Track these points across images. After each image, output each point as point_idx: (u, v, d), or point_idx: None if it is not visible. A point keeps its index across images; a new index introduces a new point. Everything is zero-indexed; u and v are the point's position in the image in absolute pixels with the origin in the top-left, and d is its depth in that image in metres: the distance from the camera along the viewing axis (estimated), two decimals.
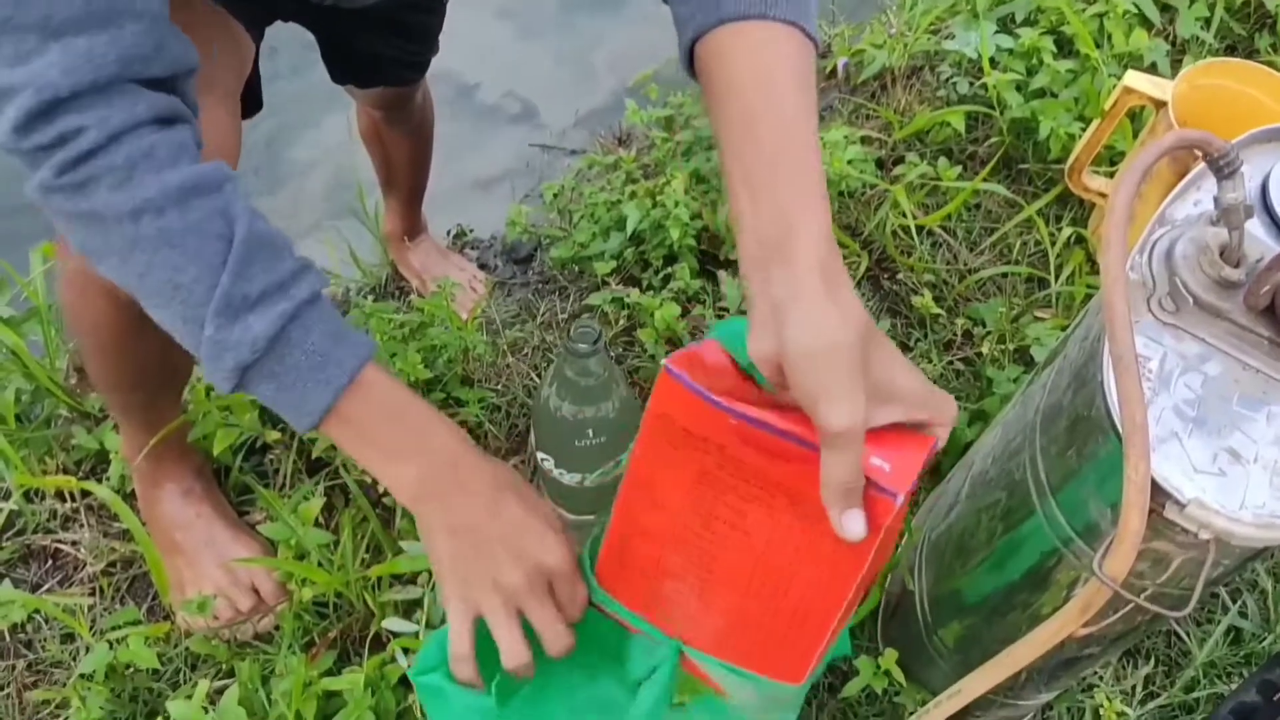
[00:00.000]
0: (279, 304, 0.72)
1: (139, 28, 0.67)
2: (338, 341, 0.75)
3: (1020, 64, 1.76)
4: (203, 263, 0.70)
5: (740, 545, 0.77)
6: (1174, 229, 0.89)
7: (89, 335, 1.03)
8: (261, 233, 0.73)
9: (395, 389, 0.79)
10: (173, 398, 1.18)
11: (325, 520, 1.26)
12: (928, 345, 1.55)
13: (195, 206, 0.70)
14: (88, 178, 0.68)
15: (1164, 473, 0.76)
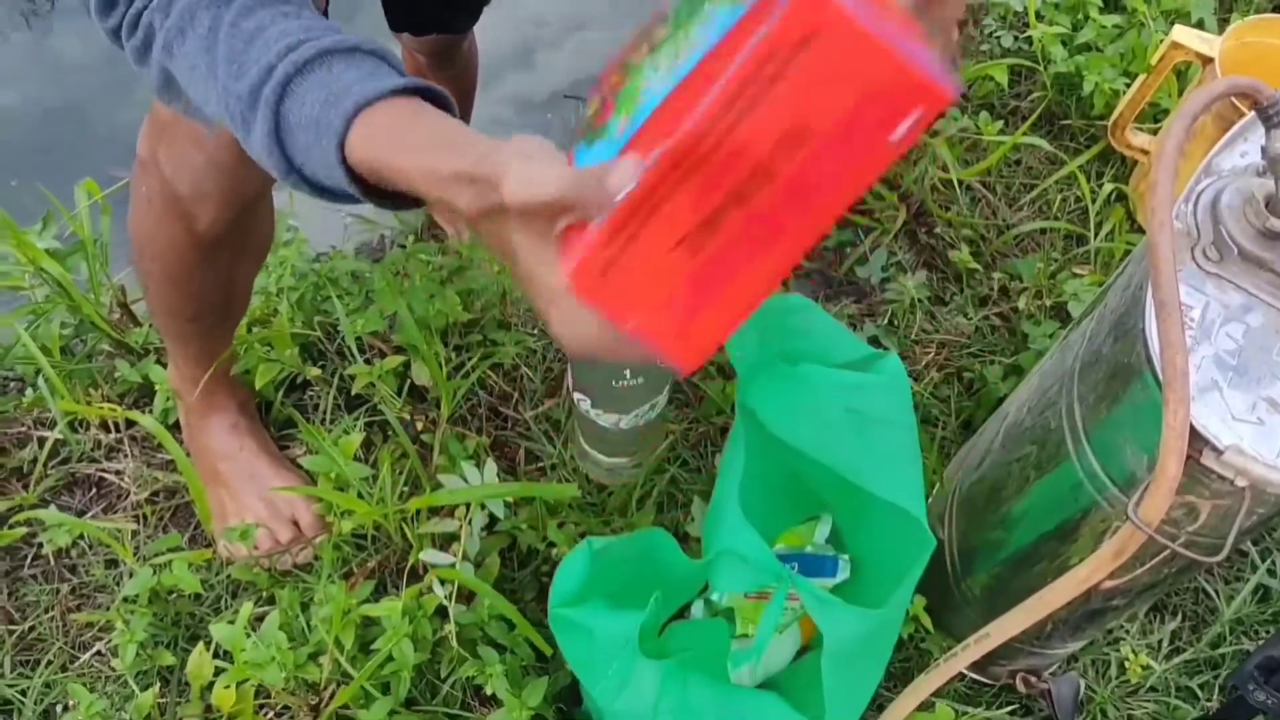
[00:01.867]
0: (263, 90, 0.66)
1: None
2: (330, 105, 0.65)
3: (1066, 18, 1.74)
4: (212, 76, 0.69)
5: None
6: (1220, 179, 0.89)
7: (157, 260, 1.05)
8: (250, 29, 0.69)
9: (403, 119, 0.65)
10: (228, 331, 1.20)
11: (364, 456, 1.28)
12: (964, 300, 1.55)
13: (200, 21, 0.69)
14: (146, 33, 0.71)
15: (1202, 420, 0.76)
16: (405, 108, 0.64)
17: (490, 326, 1.41)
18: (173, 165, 0.92)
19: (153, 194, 0.98)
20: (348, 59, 0.67)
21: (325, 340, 1.36)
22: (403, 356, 1.31)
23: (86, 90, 2.16)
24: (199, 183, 0.92)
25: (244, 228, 1.01)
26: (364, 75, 0.65)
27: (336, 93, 0.64)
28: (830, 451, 0.98)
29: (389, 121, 0.63)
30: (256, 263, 1.14)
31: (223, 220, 0.96)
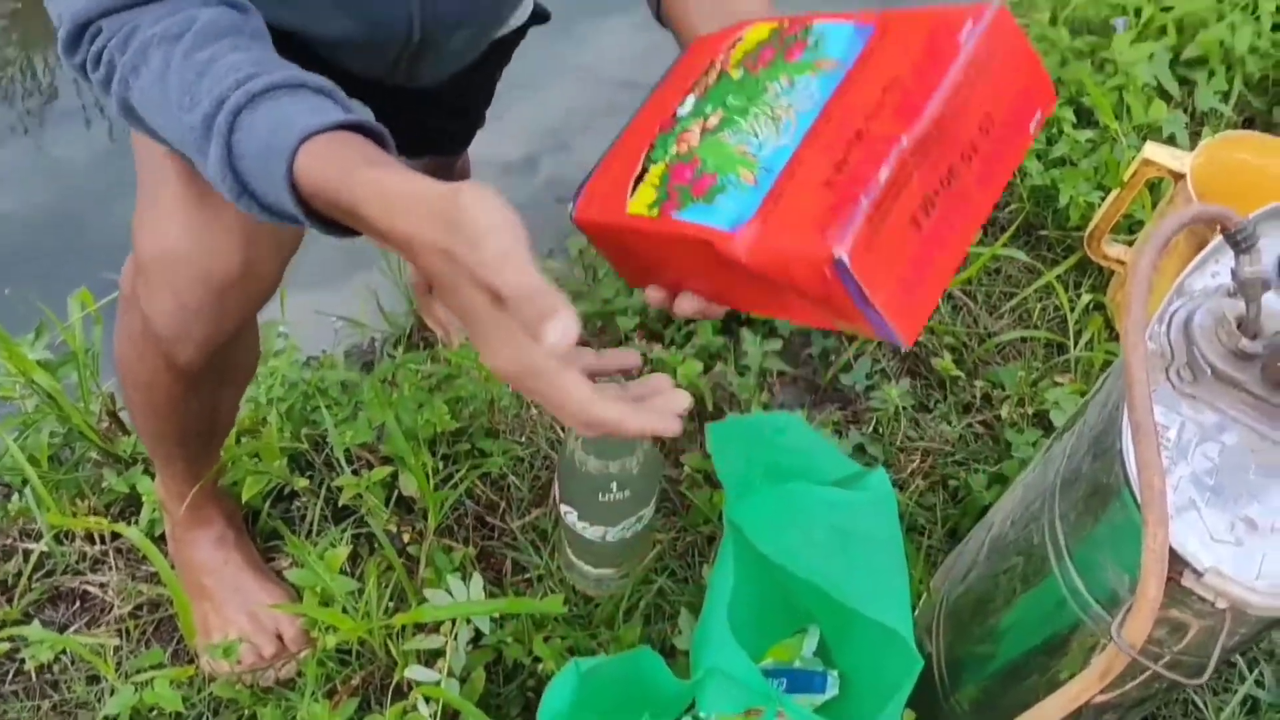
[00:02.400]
0: (216, 120, 0.71)
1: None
2: (275, 131, 0.69)
3: (1041, 132, 1.79)
4: (167, 108, 0.75)
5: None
6: (1192, 300, 0.91)
7: (141, 392, 1.06)
8: (202, 60, 0.73)
9: (353, 150, 0.69)
10: (213, 450, 1.21)
11: (350, 568, 1.28)
12: (947, 407, 1.56)
13: (154, 57, 0.75)
14: (107, 68, 0.78)
15: (1181, 541, 0.77)
16: (353, 141, 0.69)
17: (478, 434, 1.42)
18: (150, 306, 0.94)
19: (134, 330, 0.99)
20: (296, 93, 0.72)
21: (313, 450, 1.37)
22: (390, 467, 1.31)
23: (81, 193, 2.19)
24: (174, 325, 0.94)
25: (226, 359, 1.02)
26: (312, 108, 0.71)
27: (285, 122, 0.69)
28: (817, 569, 0.99)
29: (338, 150, 0.68)
30: (241, 388, 1.16)
31: (202, 357, 0.98)
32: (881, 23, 0.69)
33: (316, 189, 0.67)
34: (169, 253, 0.90)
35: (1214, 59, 1.92)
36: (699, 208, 0.67)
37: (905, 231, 0.62)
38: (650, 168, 0.74)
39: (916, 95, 0.63)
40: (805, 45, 0.72)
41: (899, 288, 0.62)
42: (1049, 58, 1.83)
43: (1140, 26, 1.95)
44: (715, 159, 0.69)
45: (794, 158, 0.65)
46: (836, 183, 0.62)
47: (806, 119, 0.66)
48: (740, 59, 0.75)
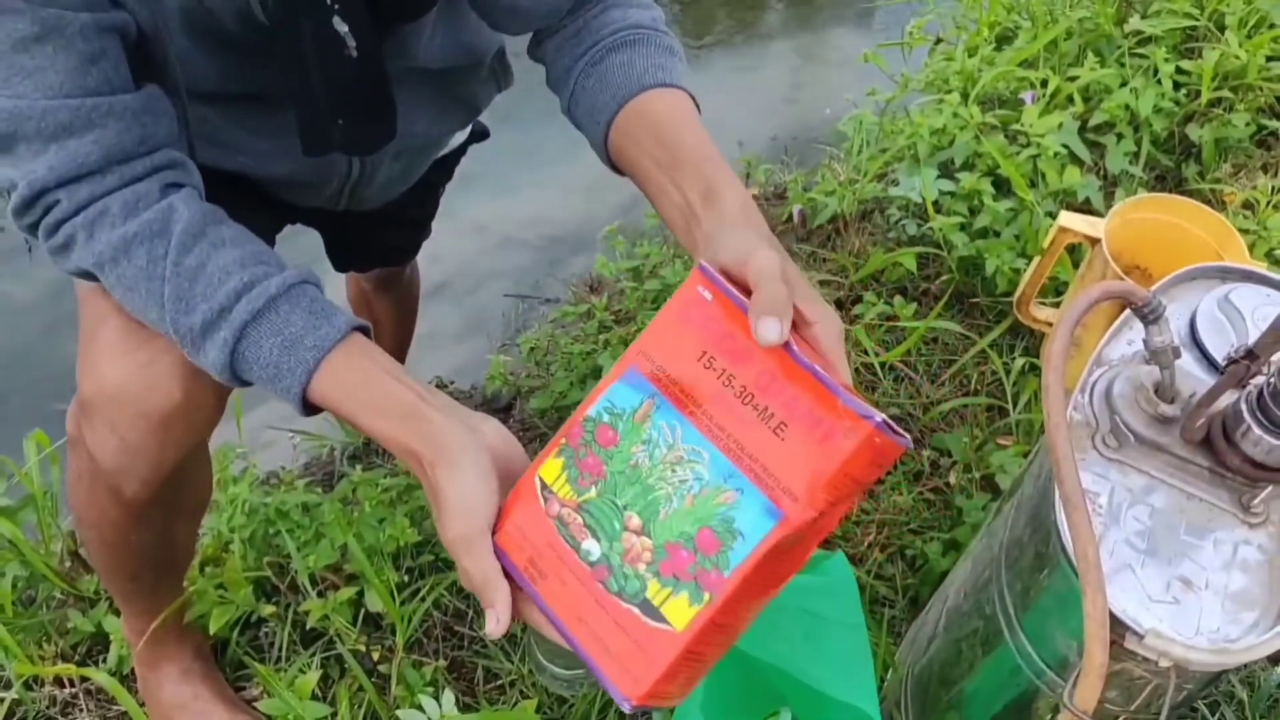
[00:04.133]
0: (220, 332, 0.80)
1: (121, 126, 0.80)
2: (287, 351, 0.79)
3: (963, 205, 1.86)
4: (153, 301, 0.82)
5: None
6: (1111, 368, 0.96)
7: (93, 529, 1.07)
8: (192, 266, 0.80)
9: (361, 376, 0.78)
10: (173, 583, 1.21)
11: (322, 691, 1.28)
12: (898, 477, 1.60)
13: (137, 254, 0.81)
14: (66, 239, 0.82)
15: (1121, 605, 0.81)
16: (356, 356, 0.79)
17: (441, 545, 1.43)
18: (93, 444, 0.96)
19: (81, 469, 1.01)
20: (292, 300, 0.80)
21: (278, 575, 1.38)
22: (356, 586, 1.32)
23: (27, 328, 2.20)
24: (117, 461, 0.96)
25: (175, 490, 1.03)
26: (311, 319, 0.79)
27: (290, 340, 0.78)
28: (786, 655, 1.01)
29: (347, 377, 0.78)
30: (196, 518, 1.17)
31: (148, 491, 0.99)
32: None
33: (326, 406, 0.80)
34: (109, 391, 0.92)
35: (1121, 123, 2.01)
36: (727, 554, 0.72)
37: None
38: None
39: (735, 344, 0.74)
40: (607, 425, 0.76)
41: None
42: (964, 133, 1.91)
43: (1048, 97, 2.04)
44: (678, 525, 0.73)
45: (726, 451, 0.72)
46: (785, 417, 0.71)
47: (695, 436, 0.73)
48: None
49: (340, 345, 0.79)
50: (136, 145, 0.81)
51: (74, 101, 0.78)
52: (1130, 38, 2.17)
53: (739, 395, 0.73)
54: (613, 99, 0.96)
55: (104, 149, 0.79)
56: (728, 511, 0.71)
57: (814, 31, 3.36)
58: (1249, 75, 2.09)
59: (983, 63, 2.17)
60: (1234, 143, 2.09)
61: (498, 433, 0.78)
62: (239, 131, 1.01)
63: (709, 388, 0.74)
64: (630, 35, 0.98)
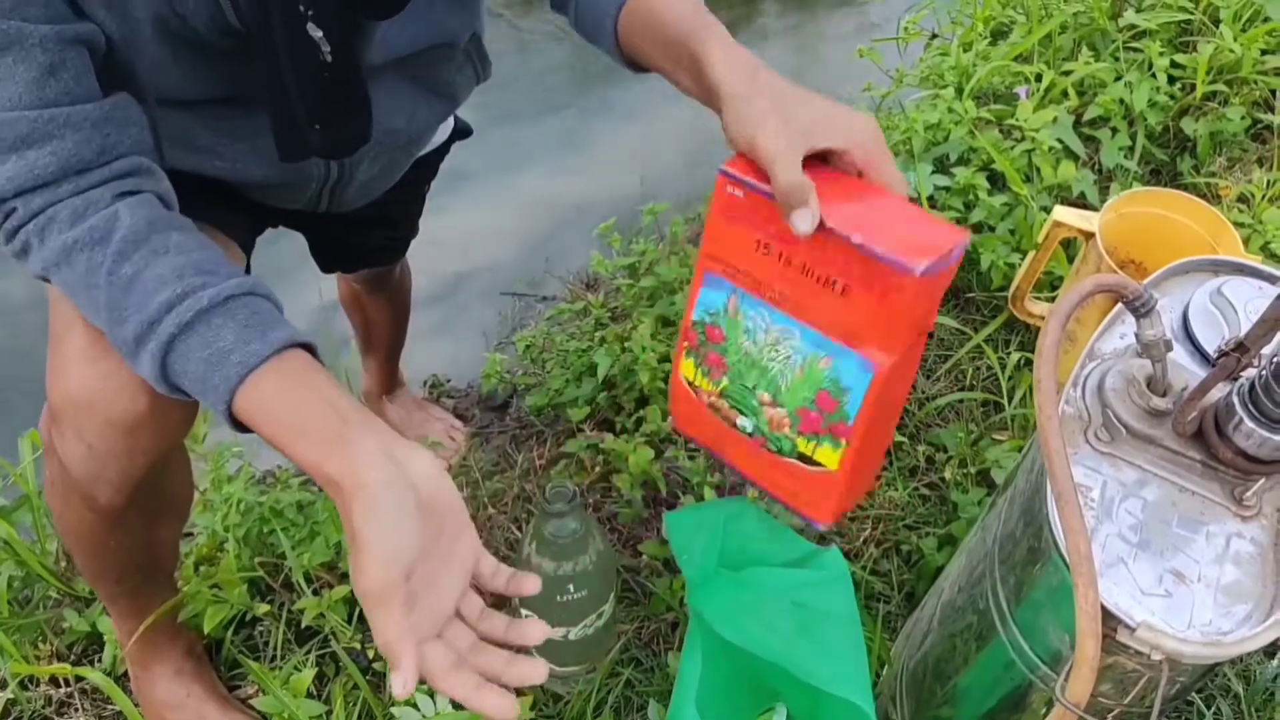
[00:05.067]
0: (149, 344, 0.78)
1: (80, 137, 0.80)
2: (213, 366, 0.76)
3: (958, 200, 1.86)
4: (93, 309, 0.81)
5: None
6: (1103, 362, 0.96)
7: (71, 535, 1.07)
8: (128, 275, 0.79)
9: (287, 395, 0.76)
10: (161, 584, 1.21)
11: (317, 689, 1.28)
12: (894, 473, 1.60)
13: (78, 261, 0.81)
14: (21, 245, 0.82)
15: (1113, 598, 0.81)
16: (289, 374, 0.76)
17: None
18: (64, 451, 0.96)
19: (55, 476, 1.01)
20: (227, 312, 0.78)
21: (272, 574, 1.37)
22: (351, 584, 1.32)
23: (21, 328, 2.19)
24: (87, 469, 0.96)
25: (152, 495, 1.03)
26: (243, 333, 0.77)
27: (218, 355, 0.76)
28: (780, 651, 1.01)
29: (273, 396, 0.76)
30: (177, 521, 1.16)
31: (121, 497, 0.99)
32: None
33: (252, 425, 0.77)
34: (75, 398, 0.91)
35: (1115, 117, 2.01)
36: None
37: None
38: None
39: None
40: (710, 325, 0.92)
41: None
42: (958, 128, 1.91)
43: (1042, 92, 2.04)
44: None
45: (809, 323, 0.86)
46: (845, 281, 0.82)
47: (780, 317, 0.87)
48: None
49: (271, 361, 0.76)
50: (96, 156, 0.81)
51: (32, 114, 0.77)
52: (1125, 32, 2.17)
53: (800, 271, 0.84)
54: (611, 2, 0.97)
55: (60, 160, 0.79)
56: (831, 374, 0.85)
57: (809, 26, 3.35)
58: (1244, 69, 2.09)
59: (978, 58, 2.17)
60: (1229, 137, 2.09)
61: (426, 468, 0.74)
62: (214, 135, 1.01)
63: (773, 270, 0.85)
64: None
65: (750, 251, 0.86)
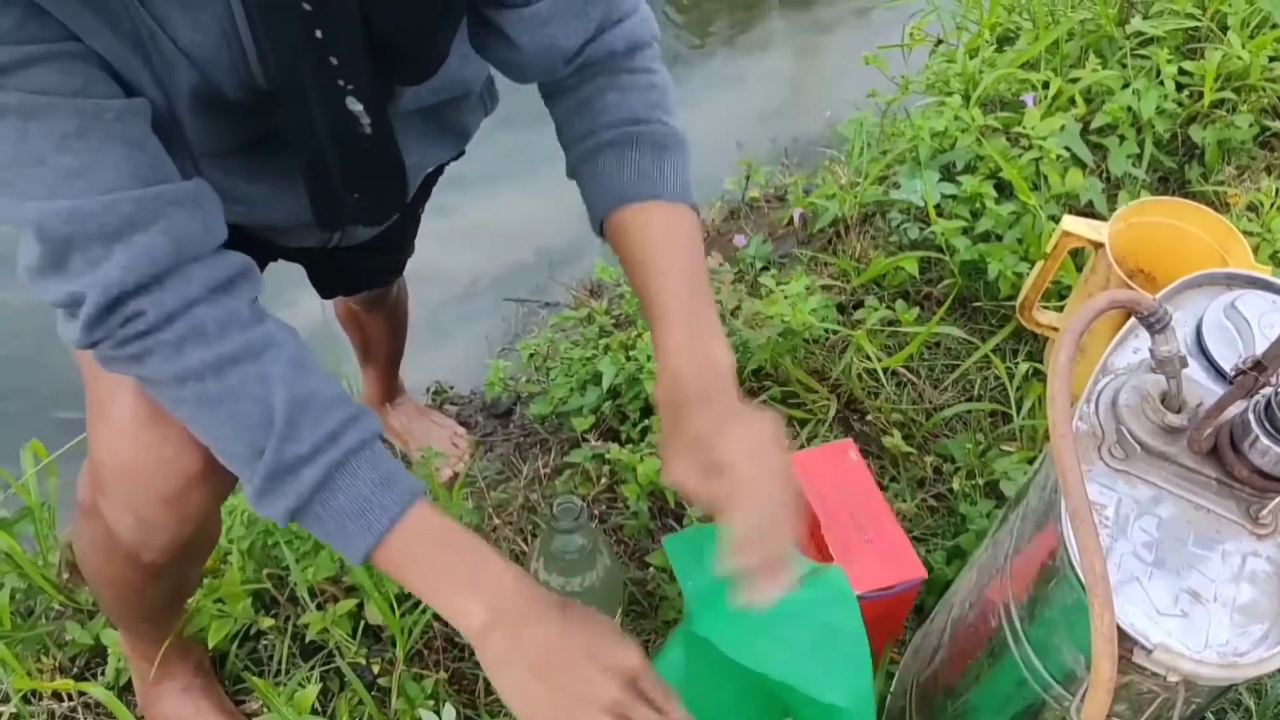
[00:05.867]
0: (328, 454, 0.79)
1: (186, 213, 0.77)
2: (384, 487, 0.80)
3: (964, 209, 1.85)
4: (237, 423, 0.79)
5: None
6: (1117, 378, 0.95)
7: (107, 588, 1.07)
8: (305, 394, 0.79)
9: (445, 529, 0.83)
10: (178, 613, 1.21)
11: (322, 705, 1.27)
12: (901, 485, 1.59)
13: (232, 374, 0.78)
14: (143, 350, 0.77)
15: (1129, 618, 0.80)
16: (418, 531, 0.82)
17: None
18: (113, 519, 0.94)
19: (97, 537, 0.99)
20: (369, 455, 0.82)
21: (277, 588, 1.37)
22: (356, 599, 1.31)
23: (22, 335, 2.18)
24: (136, 536, 0.95)
25: (191, 544, 1.01)
26: (379, 486, 0.81)
27: (388, 476, 0.81)
28: (787, 668, 1.00)
29: (406, 551, 0.82)
30: (203, 561, 1.16)
31: (167, 556, 0.98)
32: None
33: (387, 573, 0.84)
34: (125, 469, 0.90)
35: (1123, 125, 2.00)
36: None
37: None
38: None
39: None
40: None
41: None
42: (965, 136, 1.90)
43: (1050, 99, 2.03)
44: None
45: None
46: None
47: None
48: None
49: (407, 514, 0.82)
50: (203, 234, 0.79)
51: (134, 193, 0.74)
52: (1132, 39, 2.16)
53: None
54: (602, 201, 0.98)
55: (173, 240, 0.76)
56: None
57: (813, 33, 3.35)
58: (1252, 76, 2.08)
59: (984, 65, 2.16)
60: (1237, 144, 2.08)
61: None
62: (236, 180, 0.98)
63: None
64: (621, 134, 0.97)
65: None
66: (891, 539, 1.18)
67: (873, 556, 1.16)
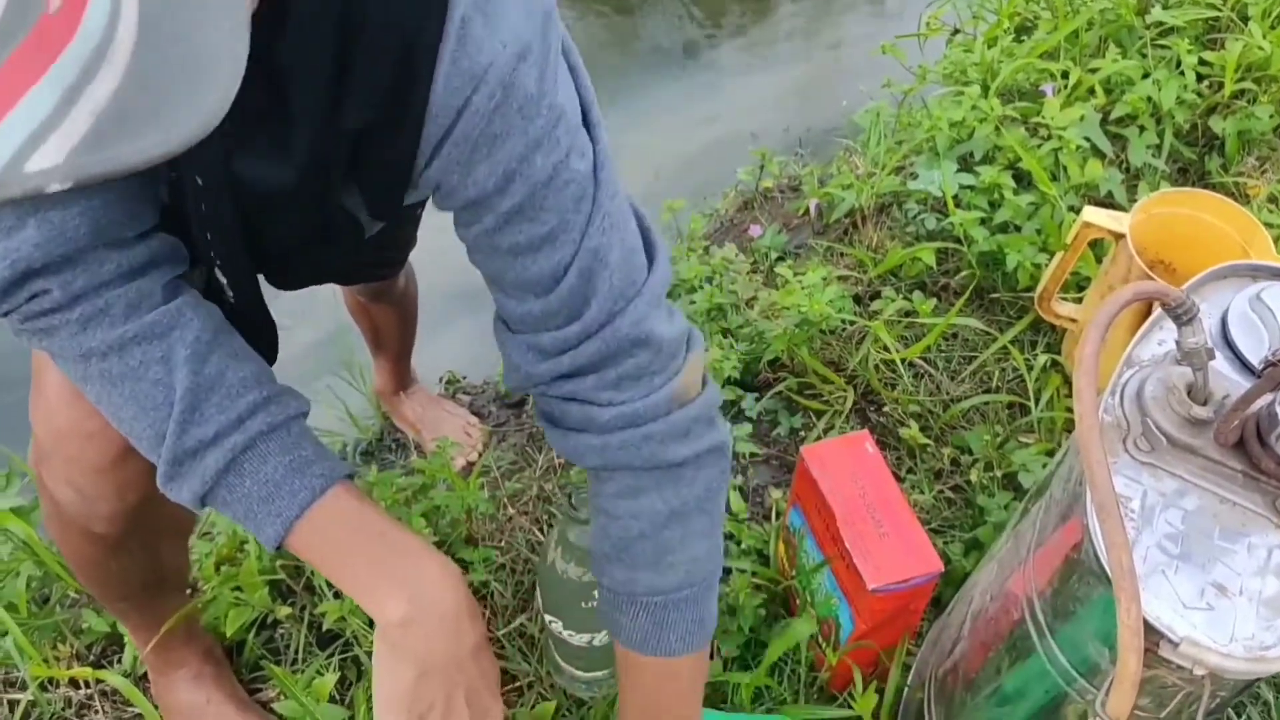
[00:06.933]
0: (232, 437, 0.77)
1: (111, 196, 0.74)
2: (295, 471, 0.78)
3: (983, 199, 1.84)
4: (138, 404, 0.77)
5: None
6: (1142, 369, 0.94)
7: (71, 560, 1.06)
8: (213, 375, 0.77)
9: (364, 516, 0.80)
10: (170, 594, 1.19)
11: (340, 694, 1.27)
12: (919, 476, 1.59)
13: (134, 353, 0.76)
14: (48, 327, 0.76)
15: (1155, 612, 0.79)
16: (335, 519, 0.79)
17: (457, 544, 1.42)
18: (55, 487, 0.94)
19: (49, 509, 0.99)
20: (302, 429, 0.81)
21: (293, 577, 1.37)
22: None
23: None
24: (78, 506, 0.94)
25: (148, 521, 1.00)
26: (318, 450, 0.80)
27: (300, 461, 0.79)
28: None
29: (320, 534, 0.79)
30: (180, 539, 1.15)
31: (116, 526, 0.97)
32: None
33: (305, 560, 0.81)
34: (60, 440, 0.89)
35: (1143, 115, 1.98)
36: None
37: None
38: None
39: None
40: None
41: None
42: (983, 126, 1.89)
43: (1069, 89, 2.02)
44: None
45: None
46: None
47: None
48: None
49: (321, 500, 0.79)
50: (125, 219, 0.76)
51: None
52: (1152, 29, 2.14)
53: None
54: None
55: (92, 222, 0.73)
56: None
57: (828, 22, 3.33)
58: (1273, 67, 2.06)
59: (1002, 54, 2.15)
60: (1257, 135, 2.06)
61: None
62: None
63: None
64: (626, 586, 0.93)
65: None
66: (908, 531, 1.17)
67: (889, 549, 1.15)
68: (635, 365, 0.84)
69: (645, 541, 0.89)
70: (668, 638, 0.91)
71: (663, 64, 2.98)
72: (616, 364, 0.83)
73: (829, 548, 1.22)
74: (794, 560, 1.31)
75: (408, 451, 1.79)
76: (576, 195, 0.78)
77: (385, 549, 0.80)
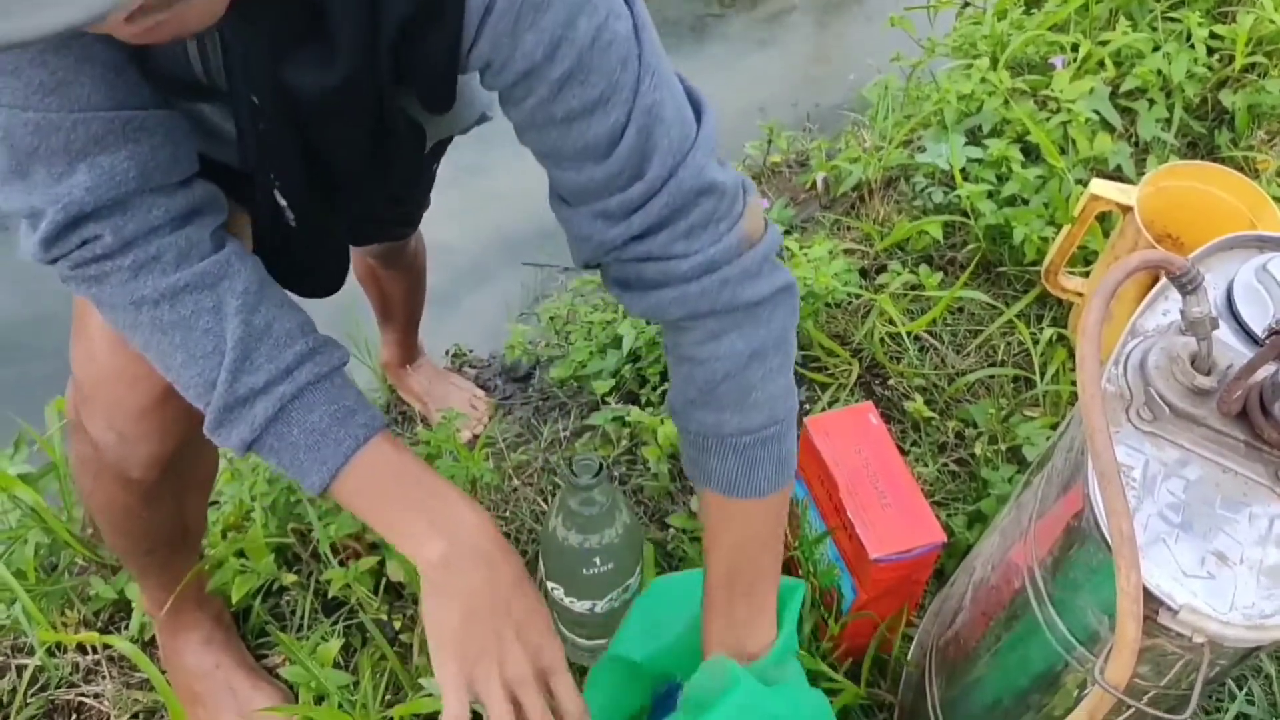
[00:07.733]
0: (282, 386, 0.79)
1: (156, 141, 0.77)
2: (340, 420, 0.81)
3: (990, 172, 1.83)
4: (187, 352, 0.79)
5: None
6: (1145, 339, 0.94)
7: (101, 511, 1.08)
8: (262, 325, 0.80)
9: (405, 463, 0.83)
10: (188, 555, 1.21)
11: (344, 660, 1.28)
12: (923, 449, 1.59)
13: (186, 302, 0.78)
14: (100, 274, 0.78)
15: (1155, 579, 0.79)
16: (376, 465, 0.82)
17: None
18: (94, 430, 0.95)
19: (85, 454, 1.00)
20: (323, 390, 0.82)
21: (300, 544, 1.37)
22: (377, 555, 1.32)
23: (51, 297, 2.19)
24: (119, 450, 0.96)
25: (180, 469, 1.02)
26: (335, 421, 0.81)
27: (344, 411, 0.81)
28: None
29: (366, 485, 0.82)
30: (204, 492, 1.16)
31: (153, 473, 0.99)
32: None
33: (347, 506, 0.84)
34: (102, 383, 0.91)
35: (1153, 89, 1.97)
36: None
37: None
38: None
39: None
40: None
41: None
42: (992, 99, 1.88)
43: (1079, 62, 2.00)
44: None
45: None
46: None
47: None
48: None
49: (364, 449, 0.82)
50: (170, 163, 0.78)
51: (105, 114, 0.73)
52: (1163, 1, 2.12)
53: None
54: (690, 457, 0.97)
55: (140, 165, 0.75)
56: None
57: None
58: None
59: (1012, 27, 2.13)
60: (1268, 109, 2.04)
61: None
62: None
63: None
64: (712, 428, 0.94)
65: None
66: (911, 503, 1.18)
67: (892, 520, 1.16)
68: (702, 214, 0.85)
69: (730, 382, 0.90)
70: (756, 477, 0.93)
71: (671, 38, 2.96)
72: (686, 215, 0.85)
73: (832, 518, 1.22)
74: (797, 531, 1.31)
75: (413, 424, 1.80)
76: (621, 56, 0.79)
77: (422, 494, 0.83)
